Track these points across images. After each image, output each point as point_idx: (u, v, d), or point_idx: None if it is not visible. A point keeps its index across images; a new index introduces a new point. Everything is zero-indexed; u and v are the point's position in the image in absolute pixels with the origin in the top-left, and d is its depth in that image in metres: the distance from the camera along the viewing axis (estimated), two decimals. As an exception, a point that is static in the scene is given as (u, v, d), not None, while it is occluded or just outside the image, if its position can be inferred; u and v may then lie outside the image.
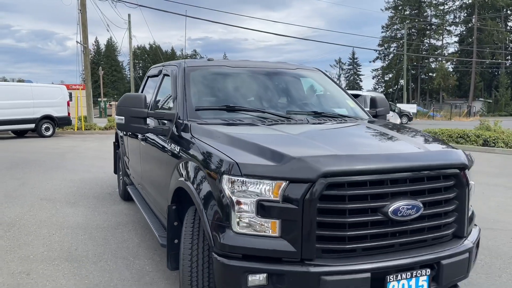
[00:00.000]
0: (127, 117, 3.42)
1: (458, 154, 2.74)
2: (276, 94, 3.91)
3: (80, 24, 22.38)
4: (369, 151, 2.60)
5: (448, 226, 2.66)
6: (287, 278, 2.27)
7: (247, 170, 2.35)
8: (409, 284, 2.41)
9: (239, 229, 2.36)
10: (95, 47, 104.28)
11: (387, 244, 2.45)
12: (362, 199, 2.36)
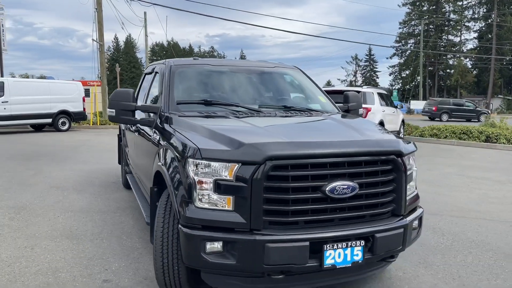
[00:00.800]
0: (117, 110, 3.89)
1: (395, 142, 3.12)
2: (252, 90, 4.33)
3: (96, 22, 23.08)
4: (314, 139, 2.99)
5: (386, 205, 3.03)
6: (238, 245, 2.69)
7: (207, 154, 2.78)
8: (344, 253, 2.80)
9: (200, 204, 2.78)
10: (115, 44, 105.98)
11: (327, 218, 2.84)
12: (304, 179, 2.76)
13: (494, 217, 5.56)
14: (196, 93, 4.16)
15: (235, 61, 4.74)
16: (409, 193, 3.24)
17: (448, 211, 5.79)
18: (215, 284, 2.98)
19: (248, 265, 2.69)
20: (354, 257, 2.83)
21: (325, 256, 2.75)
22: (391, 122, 12.90)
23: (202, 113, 3.73)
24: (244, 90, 4.28)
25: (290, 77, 4.73)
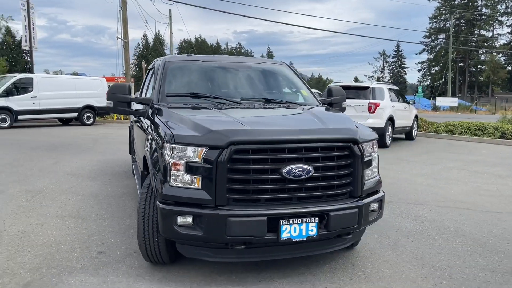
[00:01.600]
0: (114, 102, 4.33)
1: (351, 131, 3.43)
2: (237, 84, 4.70)
3: (121, 20, 23.89)
4: (276, 127, 3.35)
5: (343, 187, 3.35)
6: (204, 219, 3.08)
7: (180, 139, 3.18)
8: (300, 228, 3.15)
9: (174, 183, 3.18)
10: (144, 41, 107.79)
11: (285, 197, 3.20)
12: (263, 162, 3.12)
13: (479, 207, 5.75)
14: (186, 86, 4.56)
15: (225, 57, 5.11)
16: (369, 177, 3.55)
17: (435, 202, 6.01)
18: (188, 255, 3.38)
19: (213, 236, 3.07)
20: (309, 232, 3.18)
21: (281, 230, 3.11)
22: (402, 117, 13.00)
23: (188, 105, 4.13)
24: (229, 84, 4.66)
25: (276, 73, 5.08)
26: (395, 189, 6.74)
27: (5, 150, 10.65)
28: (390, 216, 5.24)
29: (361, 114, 11.46)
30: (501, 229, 4.83)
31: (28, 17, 22.20)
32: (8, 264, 3.67)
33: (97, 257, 3.87)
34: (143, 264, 3.70)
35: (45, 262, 3.74)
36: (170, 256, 3.56)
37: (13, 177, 7.31)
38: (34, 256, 3.86)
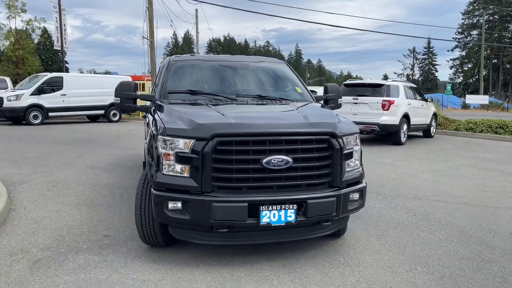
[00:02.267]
0: (121, 98, 4.71)
1: (330, 125, 3.66)
2: (234, 82, 5.00)
3: (147, 20, 24.57)
4: (260, 121, 3.63)
5: (322, 177, 3.60)
6: (191, 204, 3.39)
7: (171, 132, 3.50)
8: (279, 214, 3.42)
9: (165, 172, 3.51)
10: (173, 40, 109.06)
11: (266, 185, 3.47)
12: (245, 153, 3.40)
13: (477, 202, 5.85)
14: (187, 84, 4.89)
15: (226, 56, 5.42)
16: (349, 169, 3.78)
17: (434, 196, 6.14)
18: (179, 237, 3.70)
19: (199, 219, 3.39)
20: (287, 218, 3.44)
21: (261, 216, 3.39)
22: (419, 115, 12.98)
23: (186, 101, 4.46)
24: (227, 82, 4.96)
25: (274, 71, 5.35)
26: (397, 185, 6.89)
27: (35, 144, 11.31)
28: (385, 209, 5.43)
29: (375, 111, 11.56)
30: (491, 223, 4.94)
31: (60, 19, 23.18)
32: (23, 244, 4.10)
33: (102, 239, 4.26)
34: (142, 246, 4.05)
35: (55, 242, 4.15)
36: (165, 239, 3.90)
37: (38, 169, 7.85)
38: (47, 238, 4.28)
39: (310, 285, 3.32)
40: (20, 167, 7.98)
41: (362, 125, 11.69)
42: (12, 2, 24.38)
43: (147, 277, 3.42)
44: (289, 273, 3.52)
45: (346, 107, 12.02)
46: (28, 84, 18.63)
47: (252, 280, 3.40)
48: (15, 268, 3.55)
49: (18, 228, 4.57)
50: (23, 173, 7.38)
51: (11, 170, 7.63)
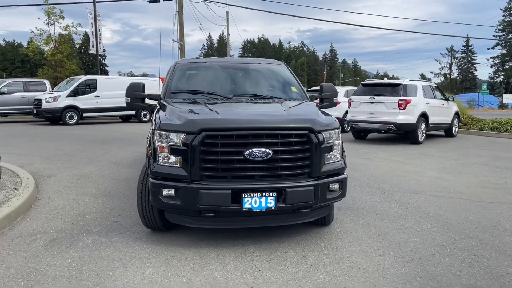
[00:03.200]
0: (131, 98, 5.21)
1: (309, 121, 3.99)
2: (233, 82, 5.41)
3: (177, 24, 25.39)
4: (245, 117, 4.02)
5: (301, 168, 3.94)
6: (181, 191, 3.82)
7: (165, 127, 3.95)
8: (260, 201, 3.80)
9: (161, 163, 3.96)
10: (208, 42, 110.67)
11: (248, 175, 3.85)
12: (230, 146, 3.80)
13: (473, 197, 6.00)
14: (190, 84, 5.34)
15: (229, 59, 5.85)
16: (329, 161, 4.10)
17: (432, 192, 6.33)
18: (174, 221, 4.13)
19: (188, 205, 3.81)
20: (268, 204, 3.81)
21: (243, 202, 3.78)
22: (438, 114, 12.96)
23: (186, 100, 4.91)
24: (226, 82, 5.38)
25: (272, 72, 5.72)
26: (400, 181, 7.11)
27: (67, 142, 12.13)
28: (379, 202, 5.70)
29: (392, 110, 11.68)
30: (479, 216, 5.12)
31: (95, 24, 24.35)
32: (43, 226, 4.66)
33: (111, 224, 4.77)
34: (145, 230, 4.52)
35: (70, 226, 4.69)
36: (164, 224, 4.35)
37: (66, 164, 8.54)
38: (64, 222, 4.83)
39: (285, 265, 3.68)
40: (51, 162, 8.70)
41: (379, 124, 11.87)
42: (51, 9, 25.86)
43: (143, 255, 3.88)
44: (270, 255, 3.90)
45: (363, 107, 12.23)
46: (65, 86, 19.76)
47: (235, 259, 3.80)
48: (33, 245, 4.10)
49: (41, 213, 5.15)
50: (52, 168, 8.07)
51: (43, 165, 8.35)
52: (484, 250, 4.03)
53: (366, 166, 8.52)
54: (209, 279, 3.40)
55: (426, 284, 3.33)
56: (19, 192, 5.62)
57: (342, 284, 3.32)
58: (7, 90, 20.11)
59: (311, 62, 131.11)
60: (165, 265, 3.65)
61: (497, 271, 3.56)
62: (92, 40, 24.92)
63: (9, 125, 18.90)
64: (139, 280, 3.38)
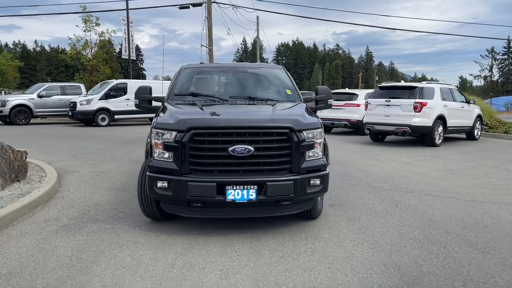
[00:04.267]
0: (139, 100, 5.72)
1: (289, 121, 4.33)
2: (230, 85, 5.82)
3: (206, 29, 26.11)
4: (232, 116, 4.42)
5: (282, 164, 4.30)
6: (172, 183, 4.25)
7: (160, 125, 4.41)
8: (242, 193, 4.17)
9: (156, 158, 4.41)
10: (243, 46, 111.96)
11: (233, 169, 4.24)
12: (215, 143, 4.21)
13: (468, 197, 6.14)
14: (191, 87, 5.80)
15: (229, 63, 6.26)
16: (309, 158, 4.43)
17: (429, 191, 6.51)
18: (168, 211, 4.57)
19: (178, 195, 4.24)
20: (249, 196, 4.19)
21: (227, 193, 4.17)
22: (458, 117, 12.90)
23: (185, 102, 5.36)
24: (224, 85, 5.80)
25: (269, 76, 6.09)
26: (400, 181, 7.30)
27: (95, 142, 12.90)
28: (372, 200, 5.95)
29: (407, 113, 11.76)
30: (465, 214, 5.30)
31: (128, 31, 25.43)
32: (57, 215, 5.21)
33: (118, 214, 5.27)
34: (145, 220, 4.99)
35: (81, 215, 5.22)
36: (161, 213, 4.79)
37: (90, 161, 9.20)
38: (77, 211, 5.37)
39: (263, 251, 4.05)
40: (77, 160, 9.39)
41: (394, 126, 11.97)
42: (88, 17, 27.21)
43: (138, 240, 4.33)
44: (252, 243, 4.27)
45: (379, 109, 12.37)
46: (98, 89, 20.81)
47: (219, 245, 4.19)
48: (46, 230, 4.64)
49: (58, 204, 5.73)
50: (77, 165, 8.73)
51: (69, 162, 9.04)
52: (456, 244, 4.24)
53: (373, 167, 8.72)
54: (191, 261, 3.80)
55: (387, 270, 3.62)
56: (42, 185, 6.23)
57: (309, 268, 3.65)
58: (46, 94, 21.34)
59: (346, 65, 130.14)
60: (156, 249, 4.09)
61: (460, 262, 3.79)
62: (124, 46, 26.04)
63: (46, 126, 20.08)
64: (130, 260, 3.82)
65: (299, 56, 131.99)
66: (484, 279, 3.46)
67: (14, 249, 4.07)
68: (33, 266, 3.68)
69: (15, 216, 4.93)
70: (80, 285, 3.33)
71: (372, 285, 3.36)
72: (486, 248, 4.15)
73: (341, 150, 11.46)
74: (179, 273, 3.56)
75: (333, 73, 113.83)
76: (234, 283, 3.39)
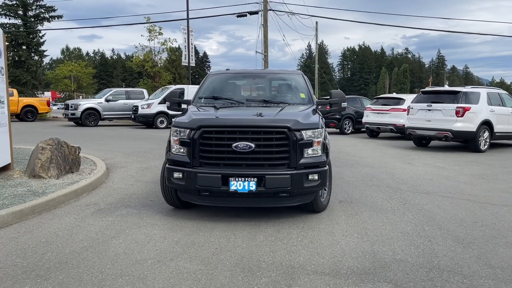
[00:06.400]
0: (170, 103, 6.47)
1: (287, 121, 4.81)
2: (250, 89, 6.38)
3: (262, 36, 26.92)
4: (238, 117, 4.99)
5: (281, 160, 4.79)
6: (185, 174, 4.90)
7: (177, 124, 5.09)
8: (243, 184, 4.72)
9: (173, 152, 5.10)
10: (307, 52, 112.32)
11: (236, 163, 4.81)
12: (221, 139, 4.80)
13: (479, 200, 6.21)
14: (215, 91, 6.44)
15: (251, 70, 6.83)
16: (309, 155, 4.89)
17: (444, 193, 6.63)
18: (184, 199, 5.23)
19: (189, 185, 4.88)
20: (250, 187, 4.73)
21: (230, 184, 4.74)
22: (508, 122, 12.49)
23: (206, 104, 6.01)
24: (243, 90, 6.38)
25: (287, 80, 6.59)
26: (422, 183, 7.44)
27: (149, 142, 14.04)
28: (381, 199, 6.23)
29: (449, 117, 11.62)
30: (469, 214, 5.44)
31: (188, 39, 26.90)
32: (97, 201, 6.07)
33: (147, 202, 6.02)
34: (168, 207, 5.68)
35: (116, 201, 6.04)
36: (180, 202, 5.46)
37: (139, 159, 10.19)
38: (114, 199, 6.21)
39: (259, 236, 4.56)
40: (128, 157, 10.43)
41: (435, 131, 11.89)
42: (152, 27, 29.20)
43: (156, 222, 5.03)
44: (251, 229, 4.80)
45: (420, 114, 12.33)
46: (158, 94, 22.29)
47: (222, 230, 4.77)
48: (85, 211, 5.49)
49: (101, 192, 6.61)
50: (127, 161, 9.74)
51: (121, 159, 10.09)
52: (442, 238, 4.49)
53: (401, 170, 8.87)
54: (193, 240, 4.42)
55: (362, 256, 3.99)
56: (90, 177, 7.19)
57: (293, 251, 4.12)
58: (113, 98, 23.23)
59: (415, 69, 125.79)
60: (167, 230, 4.76)
61: (436, 253, 4.07)
62: (184, 53, 27.56)
63: (111, 128, 21.88)
64: (143, 237, 4.51)
65: (365, 60, 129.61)
66: (451, 268, 3.73)
67: (56, 224, 4.92)
68: (66, 237, 4.49)
69: (62, 200, 5.85)
70: (98, 252, 4.06)
71: (342, 266, 3.76)
72: (471, 243, 4.36)
73: (377, 154, 11.59)
74: (180, 248, 4.18)
75: (402, 78, 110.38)
76: (222, 258, 3.94)
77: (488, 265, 3.80)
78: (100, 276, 3.51)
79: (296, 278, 3.51)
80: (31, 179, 6.80)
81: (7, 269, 3.66)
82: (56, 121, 27.49)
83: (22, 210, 5.13)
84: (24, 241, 4.36)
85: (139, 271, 3.63)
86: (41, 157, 6.94)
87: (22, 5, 41.70)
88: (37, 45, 42.69)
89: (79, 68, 40.88)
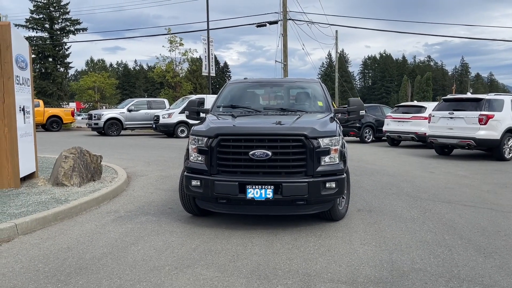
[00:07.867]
0: (189, 111, 6.56)
1: (304, 129, 4.82)
2: (268, 98, 6.42)
3: (281, 45, 27.03)
4: (255, 125, 5.03)
5: (298, 167, 4.80)
6: (203, 182, 4.96)
7: (195, 133, 5.16)
8: (260, 192, 4.74)
9: (192, 160, 5.17)
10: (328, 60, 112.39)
11: (253, 171, 4.84)
12: (238, 147, 4.84)
13: (505, 209, 6.06)
14: (233, 100, 6.51)
15: (269, 78, 6.89)
16: (326, 163, 4.88)
17: (466, 202, 6.50)
18: (202, 206, 5.28)
19: (207, 192, 4.93)
20: (267, 195, 4.74)
21: (247, 192, 4.77)
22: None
23: (224, 113, 6.07)
24: (261, 98, 6.43)
25: (304, 89, 6.60)
26: (443, 192, 7.31)
27: (170, 151, 14.22)
28: (401, 207, 6.15)
29: (471, 125, 11.41)
30: (491, 223, 5.32)
31: (208, 49, 27.26)
32: (118, 208, 6.18)
33: (166, 210, 6.10)
34: (186, 215, 5.74)
35: (136, 209, 6.13)
36: (199, 209, 5.51)
37: (160, 167, 10.33)
38: (134, 206, 6.31)
39: (276, 244, 4.56)
40: (149, 165, 10.59)
41: (457, 139, 11.69)
42: (173, 38, 29.69)
43: (174, 230, 5.09)
44: (269, 237, 4.80)
45: (442, 122, 12.15)
46: (179, 104, 22.58)
47: (240, 237, 4.79)
48: (105, 218, 5.59)
49: (122, 200, 6.73)
50: (148, 170, 9.89)
51: (142, 167, 10.24)
52: (463, 248, 4.40)
53: (421, 178, 8.74)
54: (210, 248, 4.45)
55: (380, 265, 3.95)
56: (111, 185, 7.33)
57: (309, 259, 4.10)
58: (135, 108, 23.65)
59: (438, 77, 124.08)
60: (185, 237, 4.81)
61: (456, 263, 3.99)
62: (205, 64, 27.91)
63: (133, 137, 22.24)
64: (162, 244, 4.57)
65: (387, 69, 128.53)
66: (471, 278, 3.66)
67: (77, 231, 5.03)
68: (87, 243, 4.58)
69: (83, 207, 5.98)
70: (117, 258, 4.13)
71: (359, 275, 3.73)
72: (492, 253, 4.26)
73: (397, 162, 11.46)
74: (197, 255, 4.22)
75: (424, 86, 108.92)
76: (239, 265, 3.96)
77: (510, 275, 3.71)
78: (118, 282, 3.58)
79: (312, 286, 3.49)
80: (54, 187, 6.98)
81: (29, 273, 3.76)
82: (80, 131, 28.11)
83: (45, 217, 5.27)
84: (47, 246, 4.47)
85: (157, 277, 3.68)
86: (64, 166, 7.12)
87: (49, 19, 43.13)
88: (63, 57, 43.99)
89: (102, 79, 41.83)
